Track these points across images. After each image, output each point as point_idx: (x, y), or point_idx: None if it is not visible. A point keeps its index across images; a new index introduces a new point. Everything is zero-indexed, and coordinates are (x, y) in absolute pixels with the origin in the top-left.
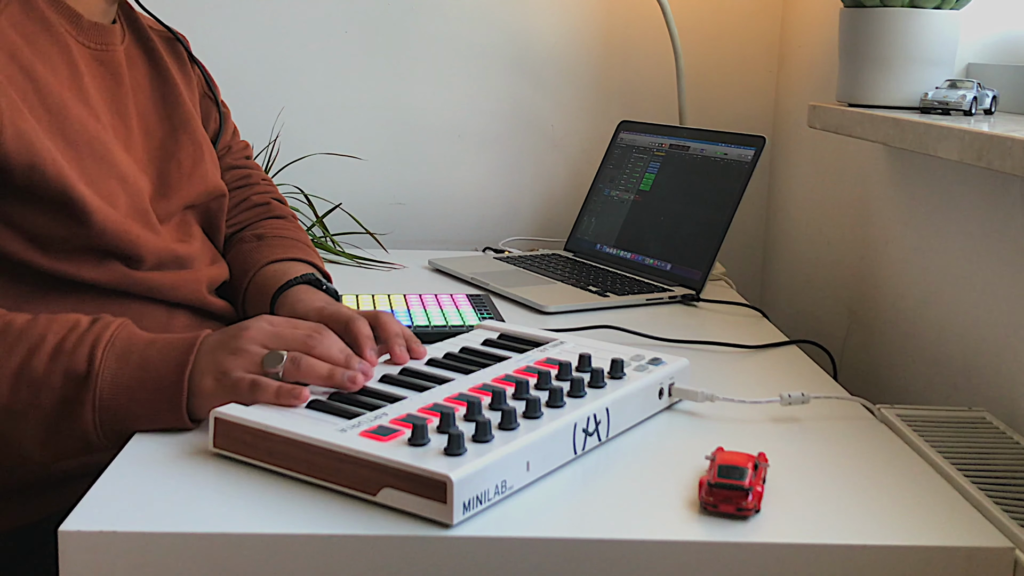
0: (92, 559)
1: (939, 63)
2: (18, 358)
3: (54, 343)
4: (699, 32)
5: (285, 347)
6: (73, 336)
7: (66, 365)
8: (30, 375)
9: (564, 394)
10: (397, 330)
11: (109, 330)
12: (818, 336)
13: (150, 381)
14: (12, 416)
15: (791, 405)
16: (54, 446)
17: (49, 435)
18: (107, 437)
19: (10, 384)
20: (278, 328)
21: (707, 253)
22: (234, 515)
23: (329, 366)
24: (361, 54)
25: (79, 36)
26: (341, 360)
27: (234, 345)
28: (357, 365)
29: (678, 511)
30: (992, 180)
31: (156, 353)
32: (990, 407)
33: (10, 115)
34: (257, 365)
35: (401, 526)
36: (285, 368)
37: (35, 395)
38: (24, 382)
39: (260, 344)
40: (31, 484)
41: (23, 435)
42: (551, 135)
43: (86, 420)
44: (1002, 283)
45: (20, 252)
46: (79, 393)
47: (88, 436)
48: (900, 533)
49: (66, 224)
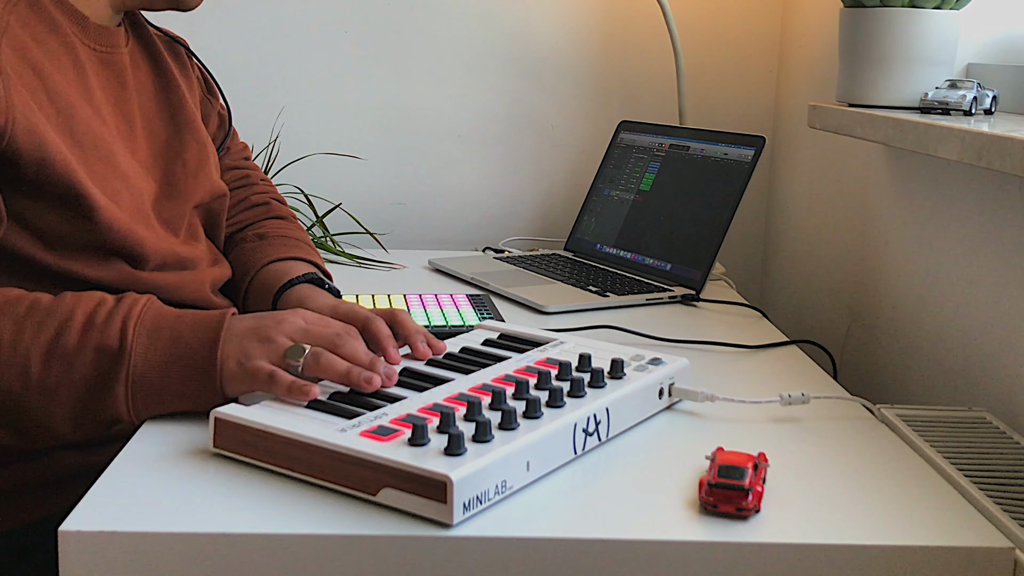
0: (92, 559)
1: (939, 63)
2: (48, 334)
3: (84, 319)
4: (699, 32)
5: (314, 343)
6: (103, 311)
7: (98, 340)
8: (62, 350)
9: (564, 394)
10: (416, 327)
11: (139, 305)
12: (818, 336)
13: (183, 358)
14: (44, 392)
15: (791, 405)
16: (85, 424)
17: (80, 412)
18: (137, 414)
19: (42, 360)
20: (311, 325)
21: (707, 253)
22: (234, 515)
23: (348, 364)
24: (361, 54)
25: (85, 38)
26: (365, 362)
27: (264, 334)
28: (382, 369)
29: (678, 511)
30: (992, 180)
31: (187, 329)
32: (990, 407)
33: (22, 110)
34: (280, 357)
35: (401, 526)
36: (306, 362)
37: (67, 371)
38: (56, 357)
39: (289, 337)
40: (31, 483)
41: (55, 413)
42: (551, 135)
43: (118, 397)
44: (1002, 283)
45: (26, 248)
46: (112, 368)
47: (119, 413)
48: (900, 533)
49: (72, 221)
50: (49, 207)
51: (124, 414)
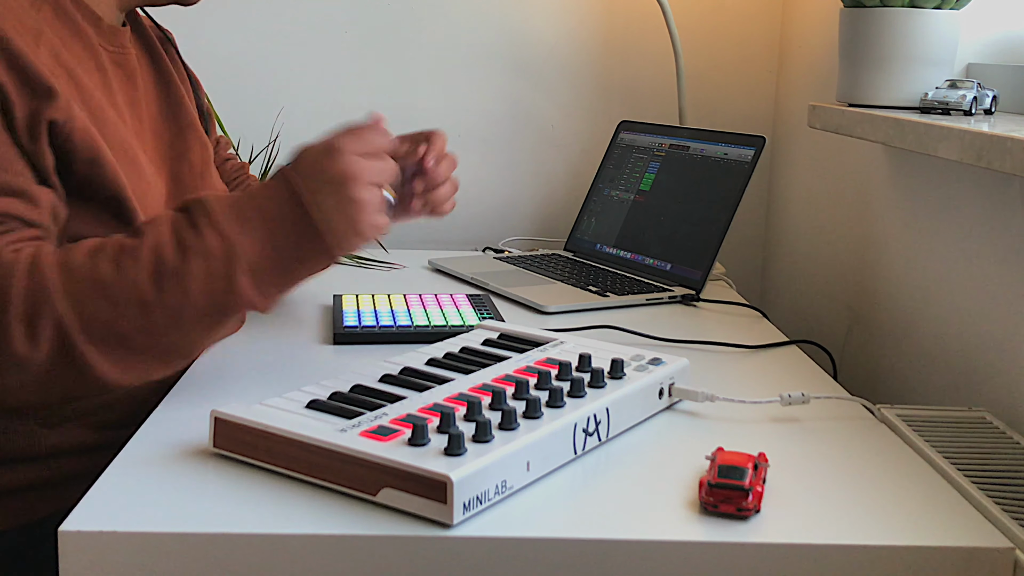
0: (92, 559)
1: (939, 63)
2: (147, 262)
3: (171, 236)
4: (699, 32)
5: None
6: (182, 222)
7: (197, 248)
8: (169, 271)
9: (564, 394)
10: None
11: (207, 204)
12: (818, 336)
13: (281, 225)
14: (168, 314)
15: (791, 405)
16: (220, 324)
17: (212, 316)
18: (267, 296)
19: (153, 286)
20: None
21: (707, 253)
22: (234, 515)
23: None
24: (361, 54)
25: (101, 40)
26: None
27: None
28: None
29: (678, 511)
30: (992, 180)
31: (262, 200)
32: (990, 407)
33: (76, 110)
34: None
35: (401, 526)
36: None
37: (181, 286)
38: (166, 278)
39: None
40: (31, 482)
41: (187, 328)
42: (551, 135)
43: (244, 288)
44: (1002, 283)
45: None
46: (227, 265)
47: (251, 302)
48: (900, 533)
49: (110, 225)
50: (89, 211)
51: (256, 302)
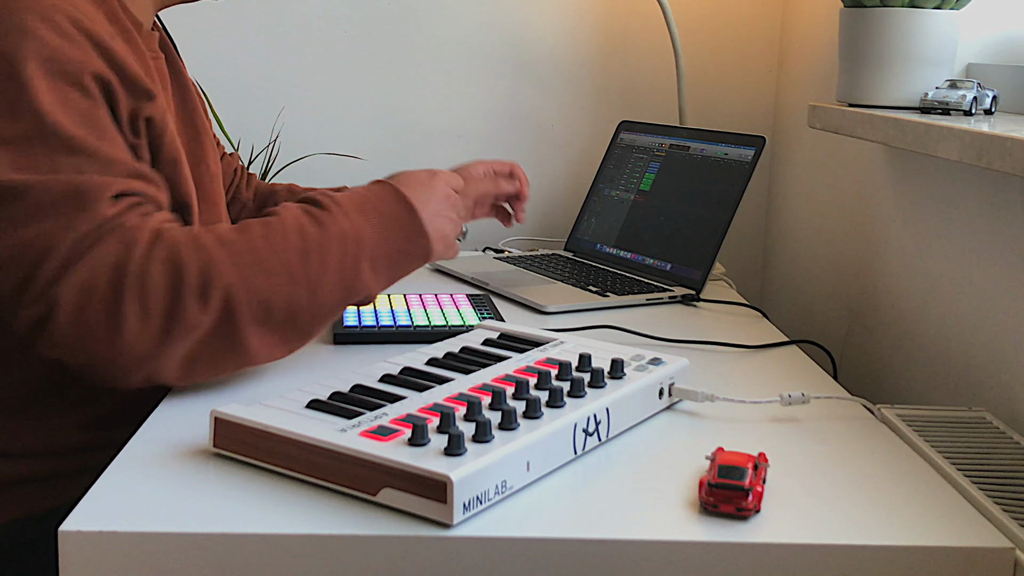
0: (92, 559)
1: (939, 63)
2: (293, 236)
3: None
4: (699, 32)
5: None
6: (314, 208)
7: (335, 229)
8: (313, 246)
9: (564, 394)
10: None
11: (331, 196)
12: (818, 336)
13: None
14: (310, 285)
15: (791, 405)
16: (335, 313)
17: (342, 293)
18: (380, 283)
19: (301, 257)
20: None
21: (707, 253)
22: (234, 515)
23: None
24: (361, 54)
25: (144, 43)
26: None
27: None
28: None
29: (678, 511)
30: (992, 180)
31: (375, 198)
32: (990, 407)
33: (165, 110)
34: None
35: (401, 526)
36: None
37: (323, 262)
38: (311, 253)
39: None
40: (31, 477)
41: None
42: (551, 135)
43: (364, 271)
44: (1002, 283)
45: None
46: (357, 252)
47: (369, 286)
48: (900, 533)
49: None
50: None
51: (372, 287)
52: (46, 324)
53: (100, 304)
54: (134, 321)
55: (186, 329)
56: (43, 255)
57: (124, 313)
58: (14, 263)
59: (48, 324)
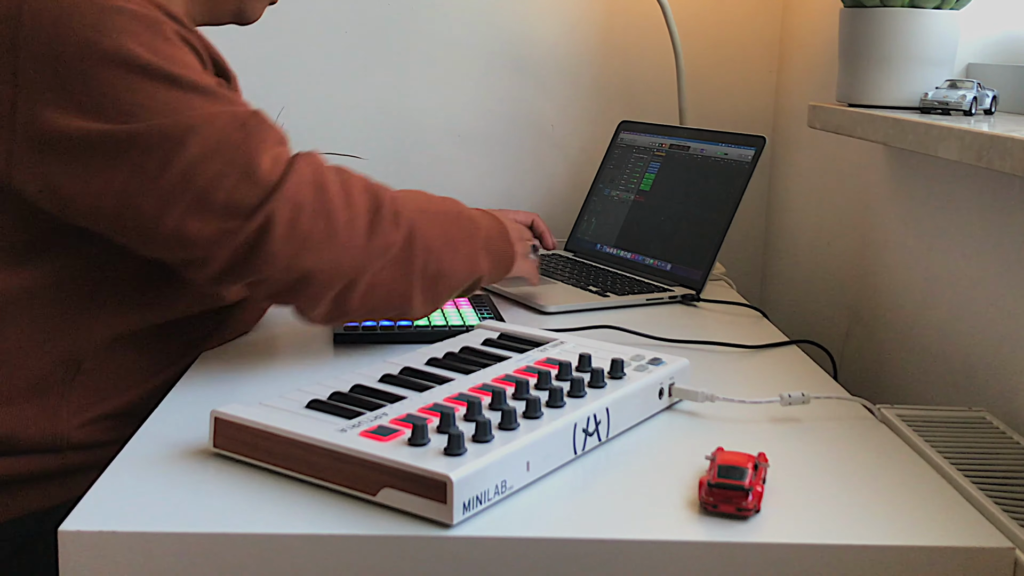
0: (92, 559)
1: (939, 63)
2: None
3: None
4: (699, 32)
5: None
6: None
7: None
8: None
9: (564, 394)
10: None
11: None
12: (818, 336)
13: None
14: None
15: (791, 405)
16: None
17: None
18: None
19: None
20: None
21: (707, 253)
22: (234, 515)
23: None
24: (361, 54)
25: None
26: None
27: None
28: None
29: (678, 511)
30: (992, 180)
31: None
32: (990, 407)
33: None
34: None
35: (401, 526)
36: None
37: (472, 231)
38: (464, 219)
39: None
40: (33, 476)
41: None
42: (551, 135)
43: (481, 260)
44: (1002, 283)
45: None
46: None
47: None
48: (900, 533)
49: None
50: None
51: (482, 272)
52: (262, 243)
53: (310, 216)
54: (344, 230)
55: (384, 244)
56: (249, 174)
57: (336, 221)
58: (219, 189)
59: (264, 243)
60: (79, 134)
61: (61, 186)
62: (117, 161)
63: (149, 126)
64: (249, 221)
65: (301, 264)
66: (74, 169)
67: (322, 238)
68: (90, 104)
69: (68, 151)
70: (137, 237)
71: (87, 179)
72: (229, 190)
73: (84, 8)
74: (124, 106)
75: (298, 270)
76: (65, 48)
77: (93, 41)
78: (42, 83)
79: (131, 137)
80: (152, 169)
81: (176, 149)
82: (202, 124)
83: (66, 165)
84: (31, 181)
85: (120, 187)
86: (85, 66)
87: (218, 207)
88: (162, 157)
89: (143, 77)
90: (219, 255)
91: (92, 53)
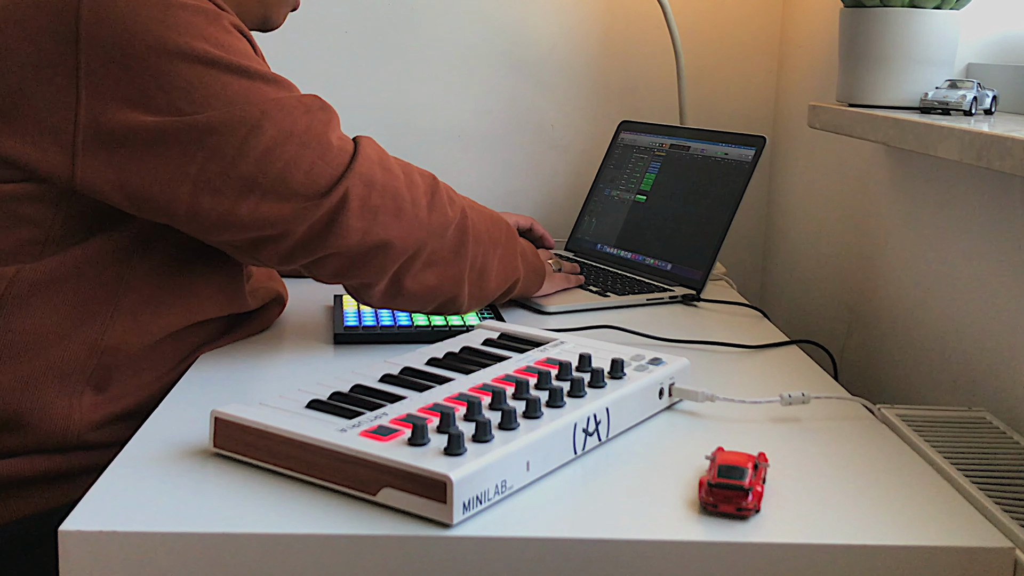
0: (92, 559)
1: (939, 63)
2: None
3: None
4: (699, 32)
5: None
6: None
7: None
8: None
9: (564, 394)
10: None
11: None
12: (818, 336)
13: (529, 254)
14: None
15: (791, 405)
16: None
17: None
18: (527, 290)
19: (492, 220)
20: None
21: (707, 253)
22: (234, 515)
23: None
24: (361, 54)
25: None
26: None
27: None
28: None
29: (678, 511)
30: (992, 180)
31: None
32: (990, 407)
33: None
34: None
35: (401, 526)
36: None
37: (495, 238)
38: (498, 224)
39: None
40: (33, 476)
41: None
42: (551, 135)
43: (518, 268)
44: (1002, 283)
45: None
46: (511, 238)
47: (518, 275)
48: (900, 533)
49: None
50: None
51: (522, 279)
52: (339, 218)
53: (380, 191)
54: (409, 205)
55: (443, 222)
56: (322, 154)
57: (401, 196)
58: (297, 170)
59: (341, 217)
60: (153, 127)
61: (137, 181)
62: (194, 150)
63: (224, 114)
64: (326, 198)
65: (374, 235)
66: (150, 163)
67: (392, 211)
68: (163, 99)
69: (142, 146)
70: (212, 225)
71: (164, 172)
72: (306, 171)
73: (148, 4)
74: (197, 98)
75: (371, 241)
76: (132, 45)
77: (162, 37)
78: (109, 79)
79: (208, 126)
80: (230, 156)
81: (252, 134)
82: (274, 110)
83: (140, 160)
84: (102, 179)
85: (197, 176)
86: (156, 62)
87: (296, 187)
88: (239, 144)
89: (212, 69)
90: (295, 231)
91: (162, 49)
